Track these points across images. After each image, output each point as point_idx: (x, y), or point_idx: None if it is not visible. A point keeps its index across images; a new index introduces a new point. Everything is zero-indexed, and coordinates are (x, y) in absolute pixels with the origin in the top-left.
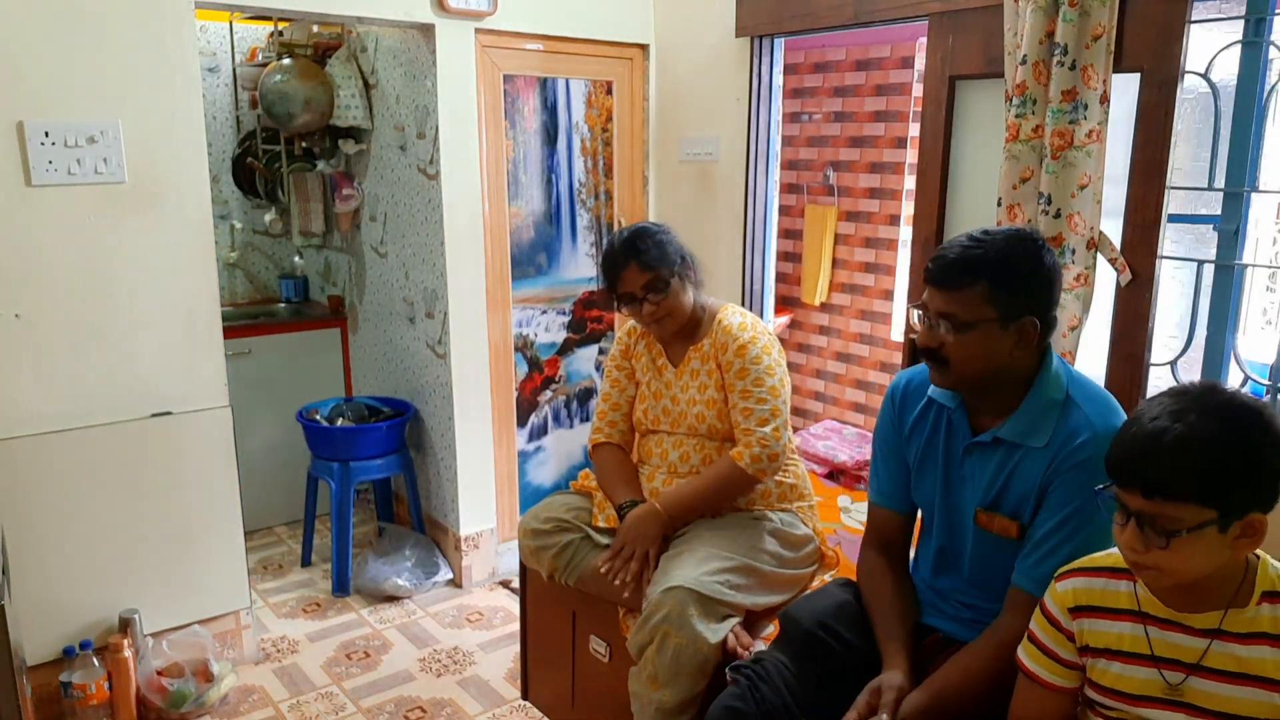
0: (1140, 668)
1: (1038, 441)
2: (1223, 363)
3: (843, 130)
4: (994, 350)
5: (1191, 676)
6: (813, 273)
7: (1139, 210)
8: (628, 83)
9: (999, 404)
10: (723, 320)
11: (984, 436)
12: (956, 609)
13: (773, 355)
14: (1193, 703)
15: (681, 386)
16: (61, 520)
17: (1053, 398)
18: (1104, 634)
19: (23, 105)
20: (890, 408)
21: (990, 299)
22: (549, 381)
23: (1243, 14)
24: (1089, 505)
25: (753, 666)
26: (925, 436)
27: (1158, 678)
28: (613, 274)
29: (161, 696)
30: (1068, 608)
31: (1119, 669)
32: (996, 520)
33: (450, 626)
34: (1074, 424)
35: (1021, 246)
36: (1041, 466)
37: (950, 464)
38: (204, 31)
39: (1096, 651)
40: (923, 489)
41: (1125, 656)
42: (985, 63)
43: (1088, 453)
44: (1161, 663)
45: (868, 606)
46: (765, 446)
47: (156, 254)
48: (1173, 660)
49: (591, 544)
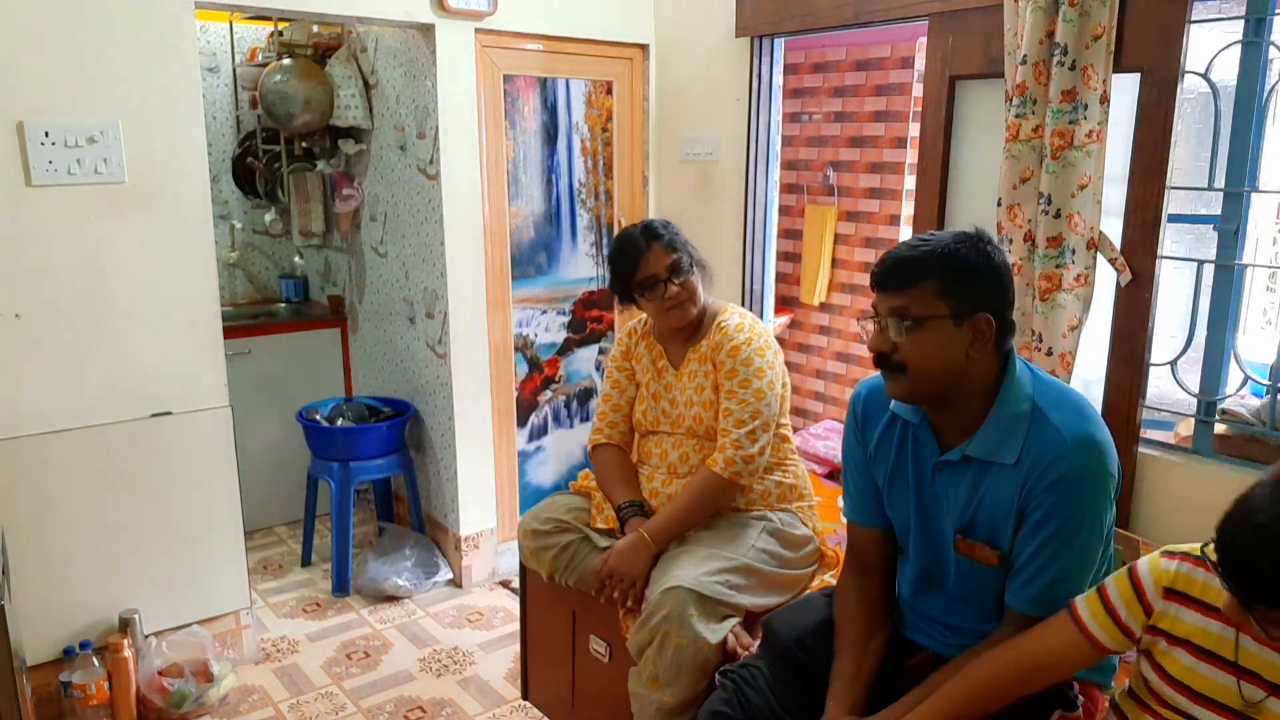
0: (1218, 670)
1: (1008, 458)
2: (1223, 363)
3: (843, 130)
4: (949, 351)
5: (1272, 697)
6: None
7: (1139, 210)
8: (628, 83)
9: (964, 418)
10: (722, 321)
11: (952, 455)
12: (943, 632)
13: (766, 358)
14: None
15: (680, 388)
16: (61, 520)
17: (1019, 409)
18: (1191, 625)
19: (23, 105)
20: (853, 420)
21: (941, 294)
22: (549, 381)
23: (1243, 14)
24: (1070, 523)
25: (739, 671)
26: (893, 454)
27: (1234, 687)
28: (631, 260)
29: (161, 696)
30: (1164, 586)
31: (1191, 663)
32: (977, 549)
33: (450, 626)
34: (1045, 439)
35: (969, 244)
36: (1015, 486)
37: (921, 484)
38: (204, 31)
39: (1174, 639)
40: (896, 509)
41: (1205, 654)
42: (985, 63)
43: (1061, 470)
44: (1245, 674)
45: (835, 633)
46: (739, 449)
47: (156, 254)
48: (1256, 675)
49: (591, 545)
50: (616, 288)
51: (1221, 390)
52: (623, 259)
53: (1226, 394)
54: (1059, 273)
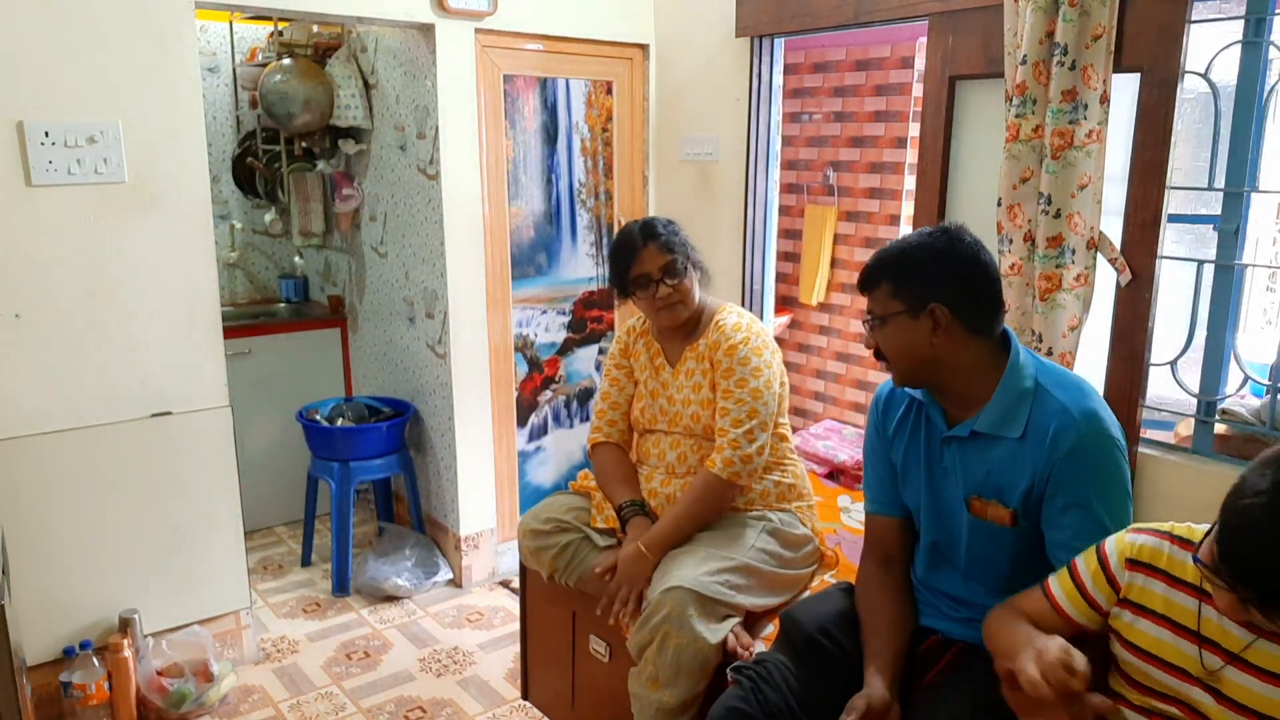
0: (1181, 639)
1: (1013, 432)
2: (1223, 363)
3: (843, 130)
4: (913, 341)
5: (1230, 666)
6: (811, 273)
7: (1139, 210)
8: (628, 83)
9: (967, 397)
10: (720, 320)
11: (960, 429)
12: (953, 607)
13: (763, 357)
14: (1224, 691)
15: (678, 386)
16: (61, 520)
17: (1022, 387)
18: (1155, 594)
19: (23, 105)
20: (875, 413)
21: (894, 294)
22: (549, 381)
23: (1243, 14)
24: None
25: (755, 667)
26: (907, 436)
27: (1196, 656)
28: (627, 257)
29: (161, 696)
30: (1127, 557)
31: (1156, 632)
32: (990, 508)
33: (450, 626)
34: (1049, 412)
35: (929, 239)
36: (1028, 462)
37: (932, 459)
38: (204, 31)
39: (1139, 608)
40: (909, 487)
41: (1168, 623)
42: (985, 63)
43: (1071, 441)
44: (1206, 643)
45: (861, 621)
46: (737, 449)
47: (156, 254)
48: (1215, 644)
49: (591, 544)
50: (614, 282)
51: (1221, 390)
52: (620, 254)
53: (1226, 394)
54: (1059, 273)
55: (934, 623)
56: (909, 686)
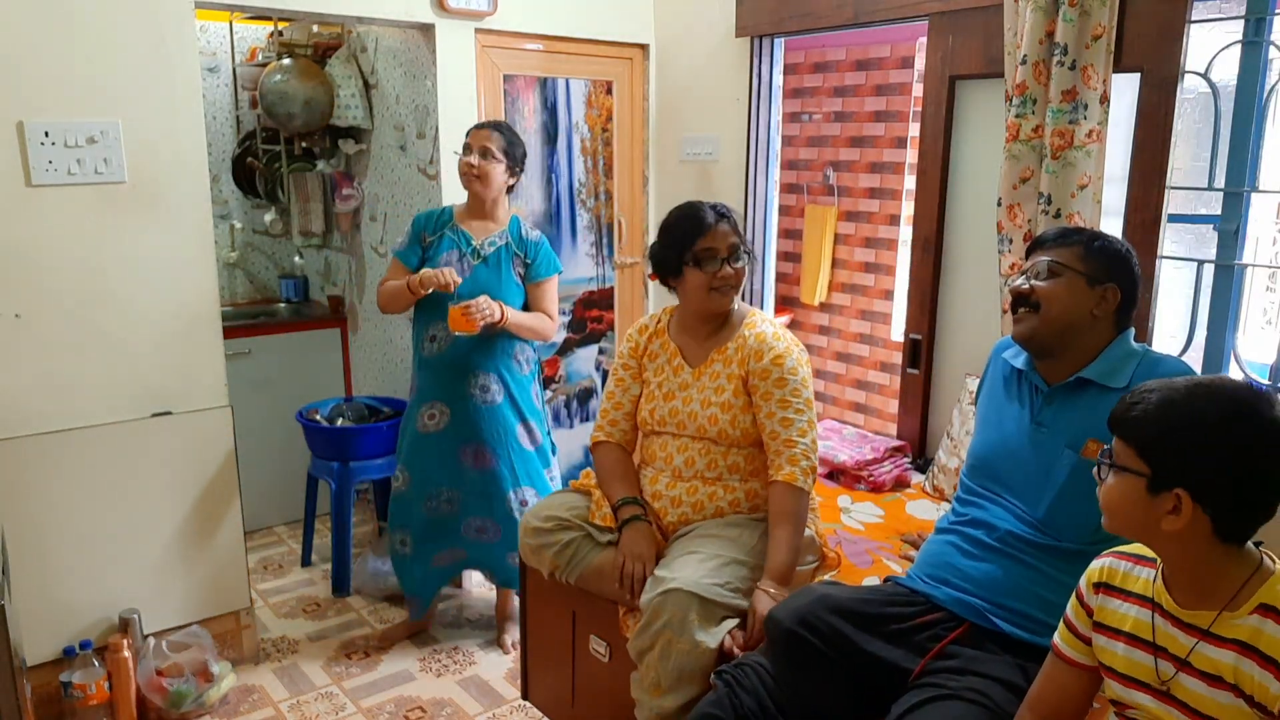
0: (1140, 652)
1: (1119, 382)
2: (1223, 363)
3: (843, 130)
4: (1077, 304)
5: (1180, 673)
6: (812, 272)
7: (1139, 210)
8: (628, 83)
9: (1069, 365)
10: (755, 327)
11: (1068, 380)
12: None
13: (805, 368)
14: (1180, 699)
15: (699, 387)
16: (61, 520)
17: (1130, 349)
18: (1116, 613)
19: (23, 105)
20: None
21: (1083, 257)
22: (549, 381)
23: (1243, 14)
24: None
25: (732, 671)
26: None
27: (1153, 667)
28: (695, 229)
29: (161, 696)
30: (1093, 582)
31: (1123, 650)
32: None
33: (450, 626)
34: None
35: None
36: None
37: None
38: (204, 31)
39: (1108, 629)
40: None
41: (1129, 638)
42: (985, 63)
43: None
44: (1160, 652)
45: None
46: (809, 458)
47: (156, 254)
48: (1166, 651)
49: (592, 542)
50: (662, 254)
51: None
52: (684, 225)
53: None
54: None
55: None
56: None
